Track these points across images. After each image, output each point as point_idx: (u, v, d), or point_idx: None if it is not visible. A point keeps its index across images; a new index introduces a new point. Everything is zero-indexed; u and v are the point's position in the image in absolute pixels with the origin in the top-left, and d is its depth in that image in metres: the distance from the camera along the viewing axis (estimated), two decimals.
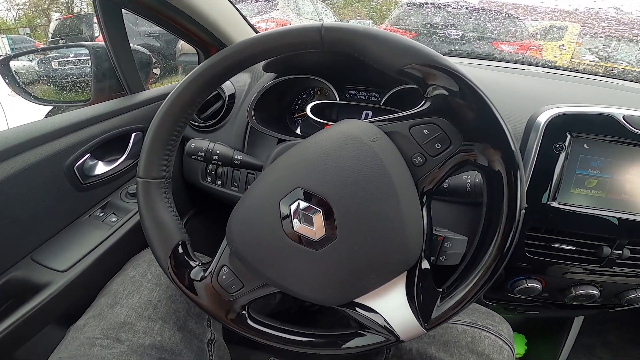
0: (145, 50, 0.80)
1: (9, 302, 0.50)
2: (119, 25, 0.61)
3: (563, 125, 0.47)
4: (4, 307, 0.49)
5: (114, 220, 0.59)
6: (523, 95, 0.57)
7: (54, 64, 1.17)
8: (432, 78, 0.31)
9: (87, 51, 0.69)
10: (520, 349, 0.90)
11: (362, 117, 0.64)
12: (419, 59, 0.31)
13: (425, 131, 0.31)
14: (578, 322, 0.83)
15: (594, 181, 0.47)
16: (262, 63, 0.61)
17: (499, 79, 0.67)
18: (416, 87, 0.32)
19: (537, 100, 0.54)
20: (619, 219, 0.47)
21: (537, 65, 0.91)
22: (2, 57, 0.72)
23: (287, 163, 0.35)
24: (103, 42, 0.64)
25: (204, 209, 0.84)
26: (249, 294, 0.36)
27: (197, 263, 0.38)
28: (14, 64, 0.76)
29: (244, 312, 0.37)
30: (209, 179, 0.69)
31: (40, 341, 0.50)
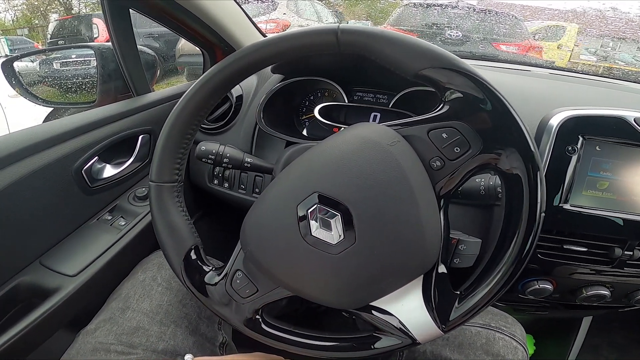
0: (150, 51, 0.79)
1: (18, 307, 0.49)
2: (127, 26, 0.60)
3: (575, 127, 0.47)
4: (12, 312, 0.49)
5: (123, 223, 0.58)
6: (532, 98, 0.57)
7: (56, 65, 1.17)
8: (450, 81, 0.30)
9: (93, 52, 0.68)
10: (529, 349, 0.90)
11: (371, 119, 0.64)
12: (437, 62, 0.30)
13: (444, 135, 0.31)
14: (587, 322, 0.83)
15: (606, 183, 0.48)
16: None
17: (506, 81, 0.67)
18: (426, 89, 0.32)
19: (547, 102, 0.54)
20: (630, 220, 0.47)
21: (541, 66, 0.91)
22: (6, 59, 0.72)
23: (303, 167, 0.34)
24: (108, 43, 0.64)
25: (210, 211, 0.83)
26: (262, 298, 0.36)
27: (210, 267, 0.38)
28: (17, 65, 0.76)
29: (257, 316, 0.37)
30: (216, 182, 0.69)
31: (50, 347, 0.50)
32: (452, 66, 0.30)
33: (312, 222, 0.31)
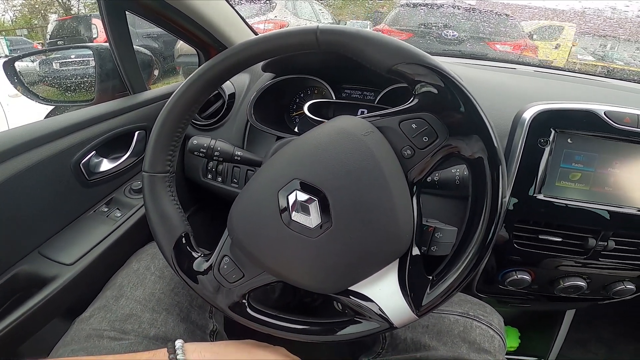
0: (147, 51, 0.82)
1: (17, 295, 0.51)
2: (123, 27, 0.63)
3: (547, 121, 0.49)
4: (11, 301, 0.50)
5: (119, 215, 0.60)
6: (511, 93, 0.59)
7: (56, 65, 1.19)
8: (419, 76, 0.33)
9: (91, 52, 0.70)
10: (514, 342, 0.92)
11: (358, 115, 0.66)
12: (407, 59, 0.33)
13: (414, 125, 0.33)
14: (569, 315, 0.85)
15: (578, 174, 0.50)
16: (261, 63, 0.63)
17: (490, 77, 0.69)
18: (407, 85, 0.34)
19: (525, 98, 0.56)
20: (603, 210, 0.49)
21: (529, 64, 0.94)
22: (8, 58, 0.74)
23: (285, 156, 0.37)
24: (106, 44, 0.66)
25: (204, 205, 0.85)
26: (248, 283, 0.37)
27: (199, 254, 0.40)
28: (18, 65, 0.78)
29: (243, 301, 0.38)
30: (209, 176, 0.71)
31: (46, 334, 0.51)
32: (421, 62, 0.32)
33: (292, 207, 0.34)
